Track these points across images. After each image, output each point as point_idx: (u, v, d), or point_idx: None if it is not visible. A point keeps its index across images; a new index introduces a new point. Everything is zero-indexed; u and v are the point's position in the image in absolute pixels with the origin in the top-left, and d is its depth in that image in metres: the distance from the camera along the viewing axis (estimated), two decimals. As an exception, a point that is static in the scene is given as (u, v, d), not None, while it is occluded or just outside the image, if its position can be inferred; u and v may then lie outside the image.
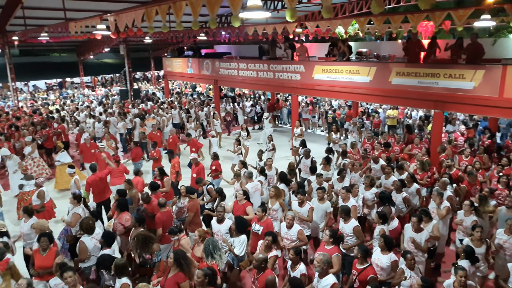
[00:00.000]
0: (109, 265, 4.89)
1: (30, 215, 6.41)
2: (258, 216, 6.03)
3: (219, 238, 6.02)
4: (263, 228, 5.88)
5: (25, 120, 15.31)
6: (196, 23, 7.75)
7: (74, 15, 14.49)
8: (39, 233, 5.65)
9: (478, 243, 5.49)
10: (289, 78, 13.86)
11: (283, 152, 13.35)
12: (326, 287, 4.53)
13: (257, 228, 5.97)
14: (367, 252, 4.95)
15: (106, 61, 35.82)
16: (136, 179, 8.09)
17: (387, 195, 6.65)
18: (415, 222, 5.69)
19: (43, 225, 6.00)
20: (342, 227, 6.10)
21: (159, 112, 16.08)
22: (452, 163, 8.49)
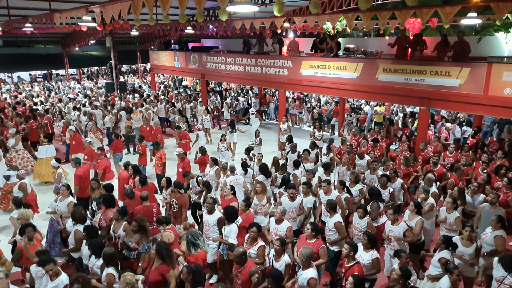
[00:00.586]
0: (100, 252, 4.95)
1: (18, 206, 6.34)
2: (241, 210, 6.10)
3: (207, 229, 6.12)
4: (242, 220, 5.96)
5: (10, 112, 15.00)
6: (183, 16, 7.67)
7: (59, 6, 14.18)
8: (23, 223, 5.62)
9: (467, 243, 5.41)
10: (277, 73, 13.86)
11: (270, 147, 13.40)
12: (304, 280, 4.61)
13: (237, 220, 6.04)
14: (356, 250, 4.99)
15: (92, 53, 35.23)
16: (122, 173, 8.04)
17: (376, 191, 6.70)
18: (391, 214, 5.82)
19: (27, 215, 6.02)
20: (326, 221, 6.21)
21: (145, 105, 15.93)
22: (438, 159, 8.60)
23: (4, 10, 15.22)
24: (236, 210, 6.07)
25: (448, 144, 10.11)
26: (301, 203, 6.65)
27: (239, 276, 4.72)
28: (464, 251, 5.39)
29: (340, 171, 8.66)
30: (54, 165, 8.61)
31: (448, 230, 6.20)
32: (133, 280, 4.38)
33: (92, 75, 36.81)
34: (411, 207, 6.07)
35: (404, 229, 5.75)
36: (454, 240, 5.42)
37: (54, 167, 8.60)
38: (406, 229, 5.74)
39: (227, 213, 5.85)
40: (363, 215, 6.01)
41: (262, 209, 6.97)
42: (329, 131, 16.54)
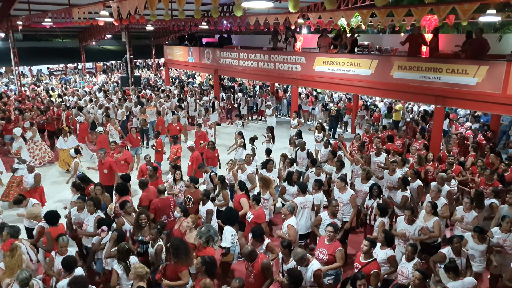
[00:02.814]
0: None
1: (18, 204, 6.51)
2: (251, 205, 6.15)
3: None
4: (253, 216, 5.99)
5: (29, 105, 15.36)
6: (198, 11, 7.72)
7: (77, 0, 14.42)
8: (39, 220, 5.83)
9: (479, 240, 5.50)
10: (290, 69, 13.85)
11: (281, 143, 13.40)
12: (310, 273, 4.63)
13: (248, 215, 6.10)
14: (375, 246, 4.97)
15: (108, 47, 35.69)
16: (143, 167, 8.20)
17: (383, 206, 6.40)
18: (409, 214, 5.80)
19: (32, 213, 6.07)
20: (338, 196, 6.40)
21: (160, 100, 16.11)
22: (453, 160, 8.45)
23: (24, 4, 15.58)
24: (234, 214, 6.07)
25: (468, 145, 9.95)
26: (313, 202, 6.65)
27: (251, 270, 4.77)
28: (475, 247, 5.38)
29: (354, 169, 8.57)
30: (72, 154, 8.83)
31: (463, 230, 6.16)
32: (144, 272, 4.45)
33: (107, 69, 37.28)
34: (428, 208, 6.02)
35: (419, 229, 5.73)
36: (466, 237, 5.44)
37: (72, 157, 8.80)
38: (420, 228, 5.72)
39: (226, 215, 5.89)
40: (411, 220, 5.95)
41: (265, 203, 7.01)
42: (341, 128, 16.47)
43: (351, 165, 8.75)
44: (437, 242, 6.07)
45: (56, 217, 5.61)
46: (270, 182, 7.18)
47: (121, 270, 4.84)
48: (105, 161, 8.30)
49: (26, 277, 4.34)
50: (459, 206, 6.46)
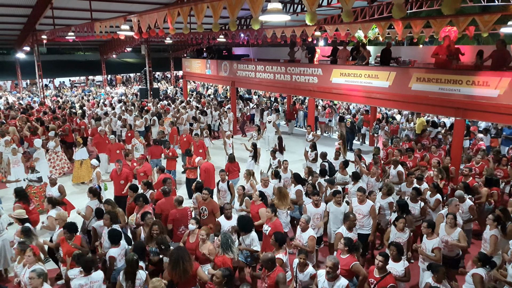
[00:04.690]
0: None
1: (53, 205, 6.65)
2: (268, 217, 6.10)
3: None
4: (271, 228, 5.94)
5: (50, 116, 15.80)
6: (217, 25, 7.87)
7: (99, 15, 14.89)
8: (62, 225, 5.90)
9: None
10: (306, 81, 13.85)
11: (297, 155, 13.35)
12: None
13: (265, 228, 6.05)
14: (388, 260, 4.89)
15: (128, 60, 36.57)
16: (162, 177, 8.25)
17: (404, 202, 6.54)
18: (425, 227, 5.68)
19: (64, 215, 6.27)
20: (358, 208, 6.44)
21: (180, 110, 16.35)
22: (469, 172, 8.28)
23: (49, 19, 16.15)
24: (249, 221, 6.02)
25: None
26: (325, 212, 6.69)
27: (266, 280, 4.76)
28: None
29: (369, 182, 8.46)
30: (94, 164, 8.98)
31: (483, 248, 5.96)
32: (161, 285, 4.42)
33: (127, 81, 38.10)
34: (449, 219, 5.88)
35: (434, 246, 5.58)
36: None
37: (94, 166, 8.96)
38: (435, 247, 5.57)
39: (240, 222, 5.83)
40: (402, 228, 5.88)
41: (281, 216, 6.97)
42: (359, 140, 16.32)
43: (367, 178, 8.62)
44: (459, 255, 5.93)
45: (74, 229, 5.71)
46: (287, 194, 7.14)
47: (122, 279, 4.81)
48: (122, 172, 8.41)
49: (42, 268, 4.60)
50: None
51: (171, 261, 4.84)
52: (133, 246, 5.42)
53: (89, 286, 4.76)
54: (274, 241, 5.26)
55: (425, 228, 5.69)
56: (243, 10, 7.46)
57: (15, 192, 7.27)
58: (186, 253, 4.90)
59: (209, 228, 5.87)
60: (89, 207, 6.78)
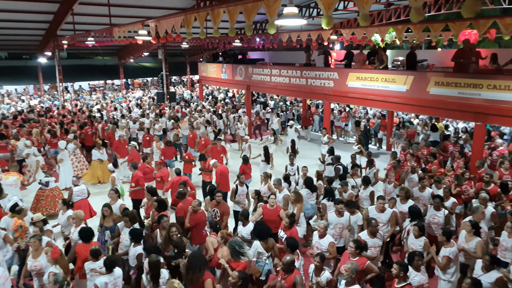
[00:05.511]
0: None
1: (68, 207, 6.77)
2: (285, 227, 6.05)
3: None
4: (287, 236, 5.90)
5: (68, 119, 16.15)
6: (233, 29, 7.92)
7: (118, 20, 15.17)
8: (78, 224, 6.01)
9: None
10: (322, 85, 13.80)
11: (313, 160, 13.29)
12: None
13: (281, 234, 6.02)
14: (407, 270, 4.80)
15: (145, 64, 37.13)
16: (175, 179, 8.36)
17: (417, 209, 6.40)
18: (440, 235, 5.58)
19: (80, 215, 6.33)
20: (377, 216, 6.24)
21: (194, 115, 16.49)
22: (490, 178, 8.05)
23: (70, 25, 16.54)
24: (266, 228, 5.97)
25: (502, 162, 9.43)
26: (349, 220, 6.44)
27: (282, 283, 4.74)
28: None
29: (386, 188, 8.28)
30: (110, 168, 9.13)
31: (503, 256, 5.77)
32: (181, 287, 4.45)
33: (144, 85, 38.66)
34: (468, 228, 5.72)
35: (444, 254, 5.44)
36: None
37: (110, 171, 9.10)
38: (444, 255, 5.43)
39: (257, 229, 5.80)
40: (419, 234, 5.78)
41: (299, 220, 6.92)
42: (376, 145, 16.13)
43: (384, 184, 8.49)
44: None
45: (90, 235, 5.70)
46: (302, 198, 7.11)
47: (145, 281, 4.91)
48: (133, 175, 8.53)
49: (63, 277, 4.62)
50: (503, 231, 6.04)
51: (186, 266, 4.90)
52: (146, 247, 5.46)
53: (113, 283, 4.91)
54: (286, 246, 5.25)
55: (440, 236, 5.58)
56: (259, 14, 7.48)
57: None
58: (200, 262, 4.85)
59: (227, 233, 5.86)
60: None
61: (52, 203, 9.04)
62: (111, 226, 6.48)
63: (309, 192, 7.81)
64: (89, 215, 8.05)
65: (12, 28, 18.90)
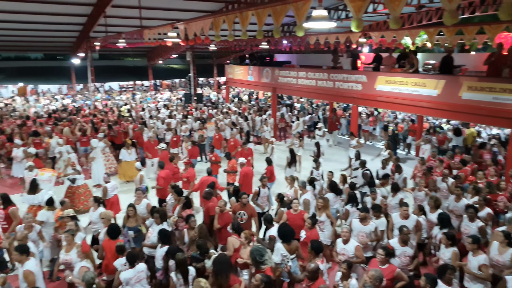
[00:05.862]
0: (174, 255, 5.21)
1: (99, 204, 6.96)
2: (306, 227, 6.03)
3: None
4: (306, 236, 5.88)
5: (98, 119, 16.64)
6: (261, 32, 7.94)
7: (148, 23, 15.52)
8: (107, 224, 6.16)
9: None
10: (350, 88, 13.62)
11: (339, 164, 13.13)
12: None
13: (302, 235, 5.98)
14: (435, 284, 4.56)
15: (173, 66, 37.80)
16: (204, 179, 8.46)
17: (446, 216, 6.20)
18: (470, 243, 5.32)
19: (109, 215, 6.54)
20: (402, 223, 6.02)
21: (219, 116, 16.63)
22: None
23: (102, 27, 17.07)
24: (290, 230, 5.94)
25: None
26: (376, 230, 6.21)
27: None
28: None
29: (416, 196, 8.01)
30: (138, 167, 9.34)
31: None
32: (207, 287, 4.50)
33: (172, 86, 39.35)
34: (501, 238, 5.47)
35: (480, 262, 5.23)
36: None
37: (138, 169, 9.30)
38: (481, 264, 5.23)
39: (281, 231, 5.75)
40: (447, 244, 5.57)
41: (322, 226, 6.81)
42: (404, 150, 15.76)
43: (413, 192, 8.25)
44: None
45: (116, 232, 5.85)
46: (329, 204, 7.02)
47: (175, 279, 4.99)
48: (158, 176, 8.70)
49: (92, 276, 4.72)
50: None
51: (213, 271, 4.92)
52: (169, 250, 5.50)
53: (137, 277, 5.03)
54: (311, 249, 5.20)
55: (470, 244, 5.34)
56: (287, 17, 7.48)
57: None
58: (225, 267, 4.88)
59: (250, 233, 5.87)
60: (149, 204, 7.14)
61: (78, 200, 9.33)
62: (134, 227, 6.56)
63: (335, 196, 7.73)
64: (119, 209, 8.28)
65: (48, 30, 19.71)
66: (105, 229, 6.09)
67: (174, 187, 7.59)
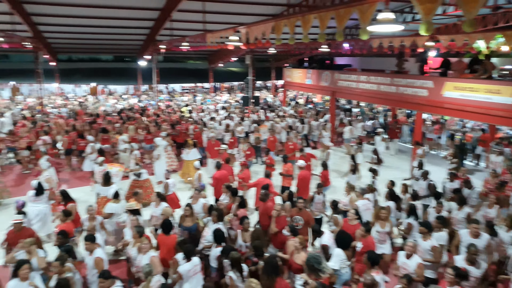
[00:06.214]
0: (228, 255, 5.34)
1: (162, 199, 7.27)
2: (361, 235, 5.83)
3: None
4: (363, 246, 5.65)
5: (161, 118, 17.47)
6: (323, 35, 7.84)
7: (211, 27, 16.02)
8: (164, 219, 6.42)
9: None
10: (414, 94, 12.97)
11: (400, 172, 12.55)
12: None
13: (358, 245, 5.79)
14: None
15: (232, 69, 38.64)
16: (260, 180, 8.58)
17: None
18: None
19: (169, 212, 6.83)
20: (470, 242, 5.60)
21: (276, 119, 16.68)
22: None
23: (167, 31, 17.93)
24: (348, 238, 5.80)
25: None
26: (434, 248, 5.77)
27: None
28: None
29: (486, 213, 7.39)
30: (196, 166, 9.65)
31: None
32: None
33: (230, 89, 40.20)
34: None
35: None
36: None
37: (196, 168, 9.62)
38: None
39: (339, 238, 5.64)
40: None
41: (383, 237, 6.53)
42: (473, 161, 14.68)
43: (482, 208, 7.63)
44: None
45: (169, 227, 6.10)
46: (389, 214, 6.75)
47: (235, 277, 5.10)
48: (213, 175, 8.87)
49: (150, 270, 4.98)
50: None
51: (262, 271, 5.02)
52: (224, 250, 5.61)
53: (193, 270, 5.28)
54: (367, 260, 5.02)
55: None
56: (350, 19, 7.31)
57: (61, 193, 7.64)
58: (271, 271, 4.93)
59: (304, 238, 5.82)
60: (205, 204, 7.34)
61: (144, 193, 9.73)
62: (191, 226, 6.71)
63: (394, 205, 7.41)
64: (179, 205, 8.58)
65: (118, 33, 21.12)
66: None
67: (229, 187, 7.72)
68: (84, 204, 7.69)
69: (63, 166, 13.35)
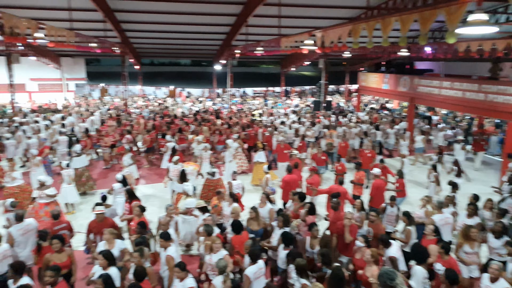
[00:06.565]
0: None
1: (234, 200, 7.46)
2: (440, 253, 5.38)
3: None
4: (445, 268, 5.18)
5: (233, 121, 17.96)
6: (405, 39, 7.45)
7: (286, 31, 16.12)
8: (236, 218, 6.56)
9: None
10: (507, 102, 11.75)
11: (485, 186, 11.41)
12: None
13: (438, 267, 5.34)
14: None
15: (304, 73, 38.41)
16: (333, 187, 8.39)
17: None
18: None
19: (238, 211, 6.96)
20: None
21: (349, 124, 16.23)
22: None
23: (243, 36, 18.41)
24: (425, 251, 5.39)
25: None
26: None
27: None
28: None
29: None
30: (265, 170, 9.76)
31: None
32: None
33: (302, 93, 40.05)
34: None
35: None
36: None
37: (265, 172, 9.72)
38: None
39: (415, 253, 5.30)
40: None
41: (472, 258, 5.97)
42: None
43: None
44: None
45: (239, 227, 6.22)
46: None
47: (298, 285, 5.05)
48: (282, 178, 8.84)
49: (225, 265, 5.15)
50: None
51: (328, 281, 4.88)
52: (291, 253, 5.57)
53: (259, 272, 5.32)
54: (445, 279, 4.64)
55: None
56: (436, 22, 6.85)
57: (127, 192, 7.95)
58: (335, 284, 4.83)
59: (377, 252, 5.55)
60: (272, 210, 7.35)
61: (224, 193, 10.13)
62: (258, 230, 6.70)
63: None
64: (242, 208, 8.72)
65: (197, 39, 22.21)
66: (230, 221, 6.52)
67: (296, 194, 7.65)
68: (159, 200, 8.13)
69: (142, 163, 14.34)
